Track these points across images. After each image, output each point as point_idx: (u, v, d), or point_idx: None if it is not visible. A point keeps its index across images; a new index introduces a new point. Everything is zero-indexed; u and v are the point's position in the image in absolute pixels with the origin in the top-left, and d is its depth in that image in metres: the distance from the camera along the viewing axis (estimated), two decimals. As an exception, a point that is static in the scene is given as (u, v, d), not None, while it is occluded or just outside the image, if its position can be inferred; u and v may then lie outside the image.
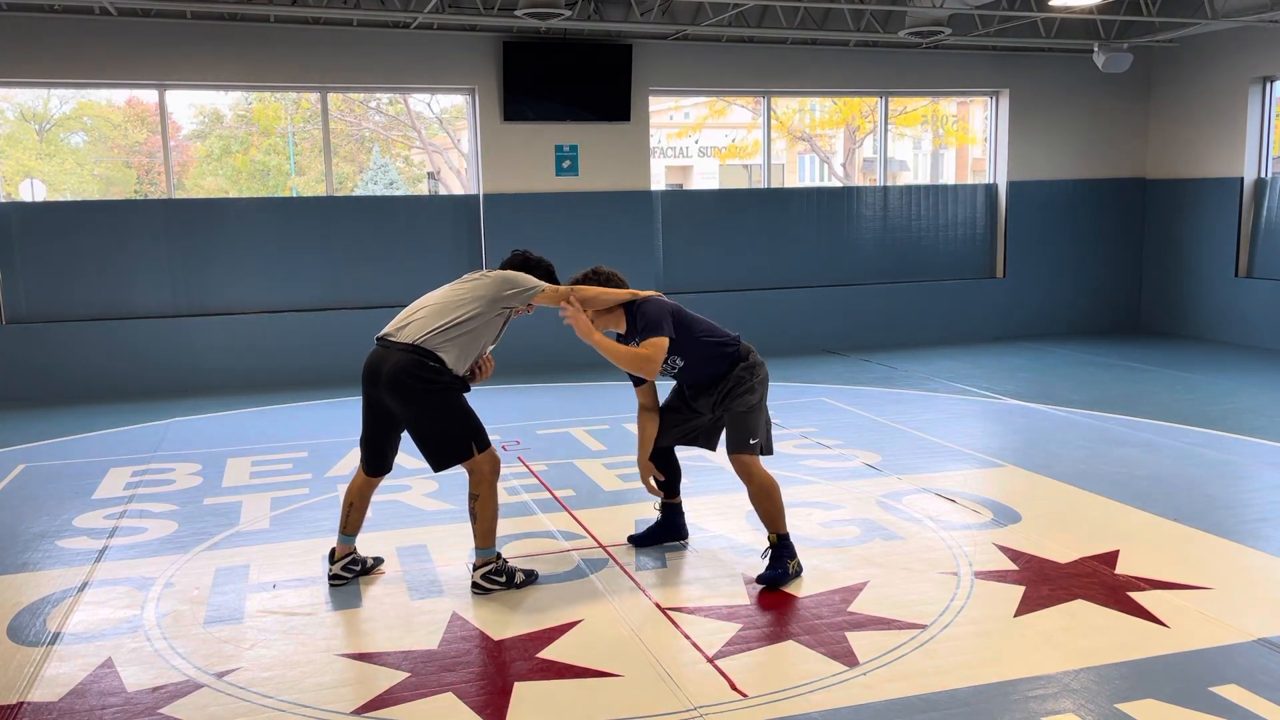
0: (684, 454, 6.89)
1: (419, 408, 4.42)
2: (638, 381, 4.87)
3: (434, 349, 4.39)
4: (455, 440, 4.46)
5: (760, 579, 4.62)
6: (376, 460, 4.69)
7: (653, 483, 4.96)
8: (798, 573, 4.68)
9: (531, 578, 4.67)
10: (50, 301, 9.60)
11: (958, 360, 10.67)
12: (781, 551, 4.67)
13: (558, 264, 4.86)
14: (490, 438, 4.61)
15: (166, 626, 4.26)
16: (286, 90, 12.26)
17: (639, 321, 4.66)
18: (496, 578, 4.56)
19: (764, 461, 4.73)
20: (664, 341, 4.56)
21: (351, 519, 4.74)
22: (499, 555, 4.63)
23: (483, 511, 4.54)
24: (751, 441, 4.68)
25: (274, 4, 9.06)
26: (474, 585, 4.57)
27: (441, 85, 10.70)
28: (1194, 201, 11.96)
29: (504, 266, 4.83)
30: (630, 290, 4.75)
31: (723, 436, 4.85)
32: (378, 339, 4.58)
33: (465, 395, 4.54)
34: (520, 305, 4.61)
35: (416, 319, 4.50)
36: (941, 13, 9.74)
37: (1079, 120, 12.28)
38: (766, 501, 4.65)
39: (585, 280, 4.79)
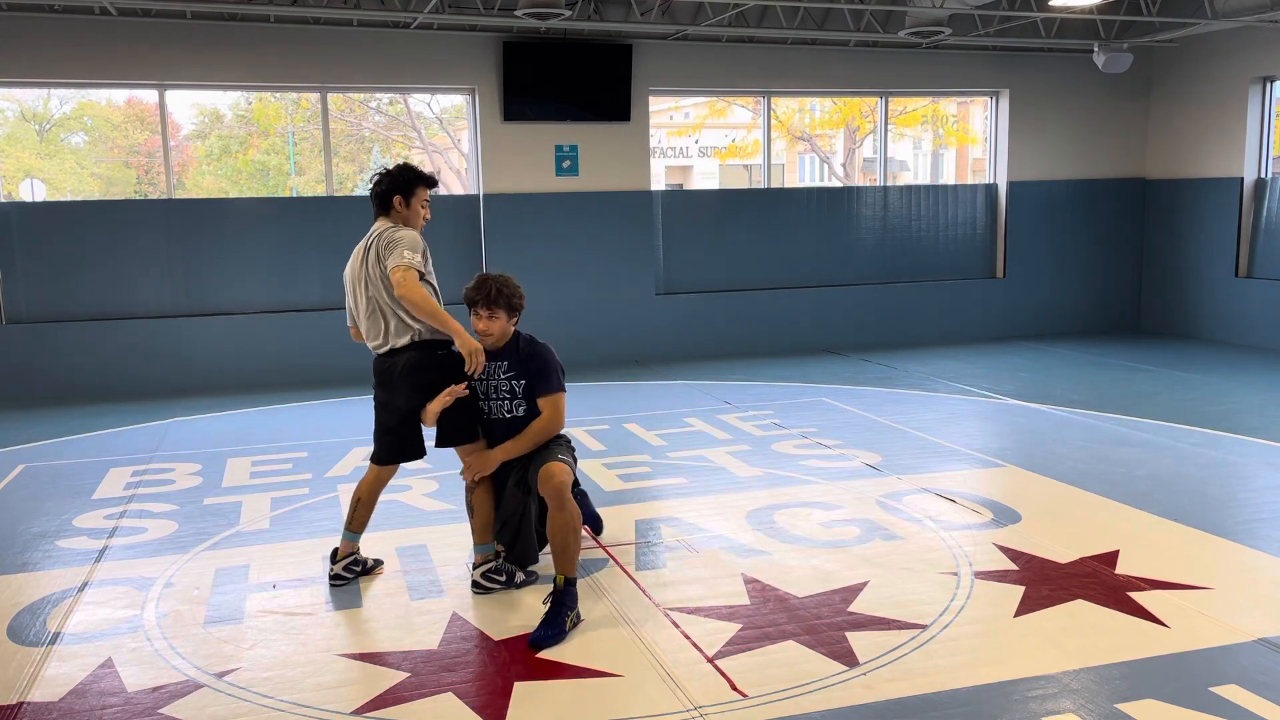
0: (682, 453, 6.91)
1: (430, 394, 4.41)
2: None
3: (425, 338, 4.42)
4: (463, 422, 4.47)
5: (531, 641, 4.03)
6: (392, 449, 4.62)
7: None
8: (575, 624, 4.18)
9: (531, 578, 4.67)
10: (50, 301, 9.60)
11: (958, 360, 10.67)
12: (564, 601, 4.16)
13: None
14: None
15: (166, 626, 4.26)
16: (286, 90, 12.27)
17: (537, 360, 4.49)
18: (496, 576, 4.55)
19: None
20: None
21: (358, 515, 4.71)
22: (498, 553, 4.62)
23: (480, 505, 4.54)
24: (560, 457, 4.43)
25: (274, 4, 9.06)
26: (474, 584, 4.56)
27: (441, 85, 10.70)
28: (1194, 201, 11.95)
29: (373, 195, 4.56)
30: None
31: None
32: (375, 351, 4.54)
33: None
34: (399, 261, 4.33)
35: (384, 324, 4.43)
36: (941, 13, 9.74)
37: (1079, 120, 12.28)
38: (570, 536, 4.21)
39: (485, 295, 4.45)
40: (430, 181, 4.59)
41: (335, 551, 4.73)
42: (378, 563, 4.89)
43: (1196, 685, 3.58)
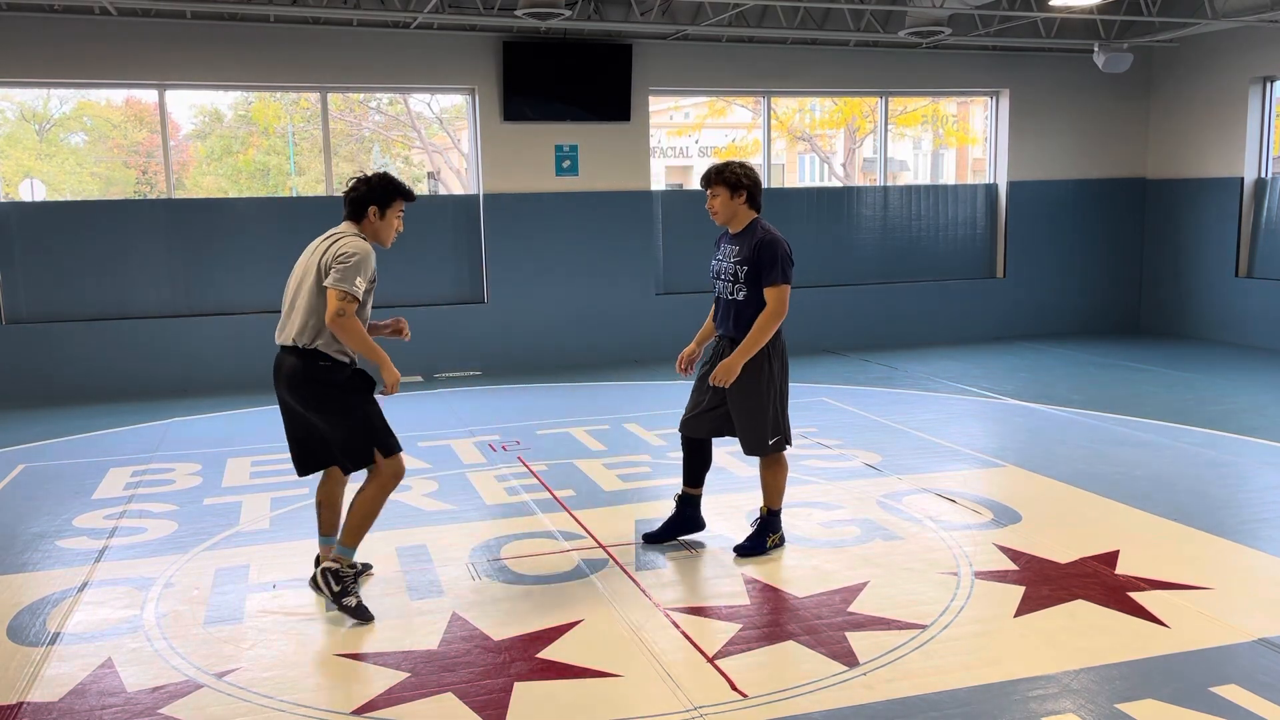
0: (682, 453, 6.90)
1: (317, 407, 4.30)
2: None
3: (316, 346, 4.24)
4: (356, 442, 4.31)
5: (737, 548, 4.95)
6: (300, 459, 4.52)
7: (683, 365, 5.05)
8: (776, 546, 5.00)
9: (363, 616, 4.27)
10: (50, 301, 9.60)
11: (958, 360, 10.67)
12: (767, 524, 4.98)
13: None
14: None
15: (166, 626, 4.26)
16: (286, 90, 12.27)
17: (764, 251, 4.70)
18: (333, 582, 4.29)
19: (747, 467, 4.81)
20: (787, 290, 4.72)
21: (323, 519, 4.61)
22: (354, 565, 4.38)
23: (359, 504, 4.32)
24: (770, 442, 4.83)
25: (274, 4, 9.06)
26: (312, 577, 4.40)
27: (441, 85, 10.69)
28: (1194, 201, 11.95)
29: (347, 199, 4.48)
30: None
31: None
32: (277, 340, 4.44)
33: (367, 390, 4.35)
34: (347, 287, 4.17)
35: (292, 317, 4.34)
36: (941, 13, 9.74)
37: (1079, 120, 12.28)
38: (774, 479, 4.96)
39: (705, 177, 4.88)
40: (408, 195, 4.47)
41: (318, 557, 4.66)
42: (366, 567, 4.80)
43: (1196, 685, 3.58)
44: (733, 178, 4.82)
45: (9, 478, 6.68)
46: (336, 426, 4.33)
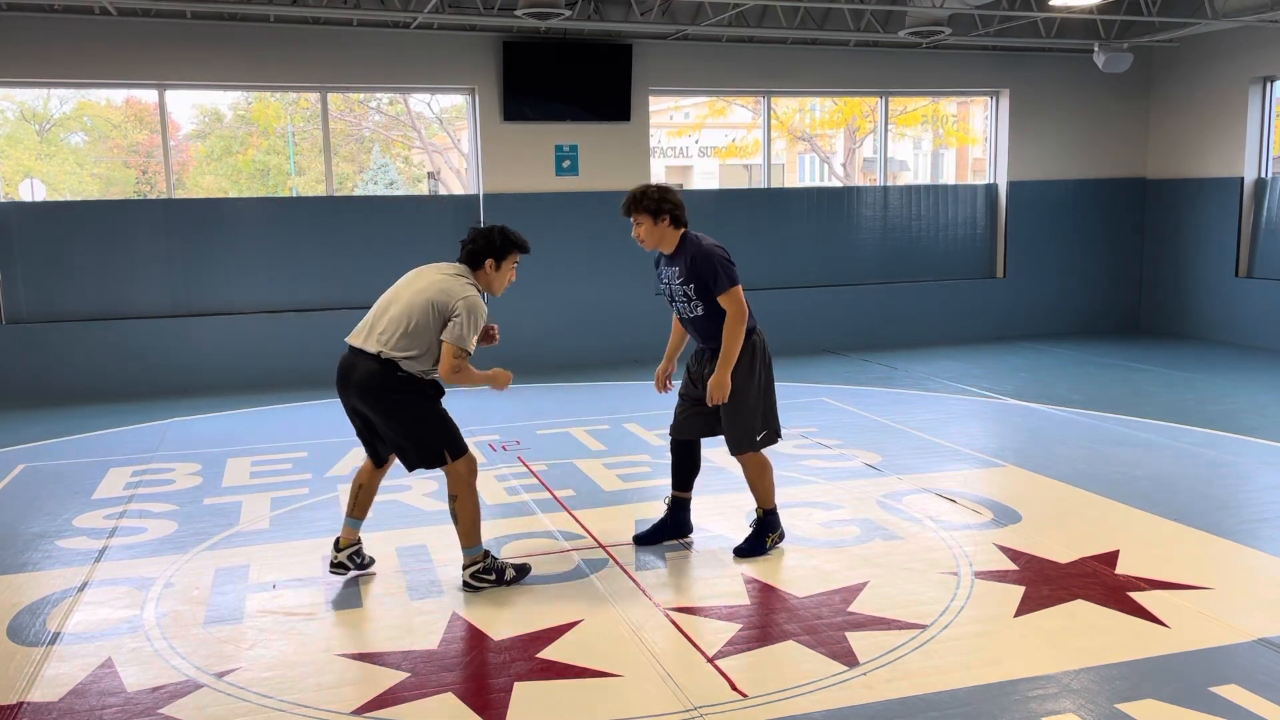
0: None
1: (388, 414, 4.42)
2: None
3: (398, 359, 4.35)
4: (428, 447, 4.46)
5: (736, 550, 4.94)
6: (373, 454, 4.70)
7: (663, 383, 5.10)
8: (776, 544, 5.01)
9: (523, 572, 4.68)
10: (50, 301, 9.60)
11: (958, 360, 10.67)
12: (765, 524, 4.97)
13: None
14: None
15: (166, 626, 4.26)
16: (286, 90, 12.28)
17: (702, 266, 4.65)
18: (485, 576, 4.57)
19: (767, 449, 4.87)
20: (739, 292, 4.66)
21: (360, 501, 4.70)
22: (486, 553, 4.62)
23: (462, 512, 4.53)
24: (758, 437, 4.82)
25: (274, 4, 9.06)
26: (464, 584, 4.59)
27: (441, 85, 10.69)
28: (1194, 201, 11.95)
29: (465, 250, 4.64)
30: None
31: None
32: (347, 343, 4.53)
33: (438, 398, 4.50)
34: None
35: (383, 326, 4.42)
36: (941, 13, 9.74)
37: (1079, 120, 12.28)
38: (758, 479, 4.93)
39: (624, 207, 4.84)
40: (524, 248, 4.67)
41: (338, 540, 4.73)
42: (371, 561, 4.89)
43: (1196, 685, 3.58)
44: (651, 204, 4.74)
45: (9, 478, 6.68)
46: (409, 431, 4.45)
